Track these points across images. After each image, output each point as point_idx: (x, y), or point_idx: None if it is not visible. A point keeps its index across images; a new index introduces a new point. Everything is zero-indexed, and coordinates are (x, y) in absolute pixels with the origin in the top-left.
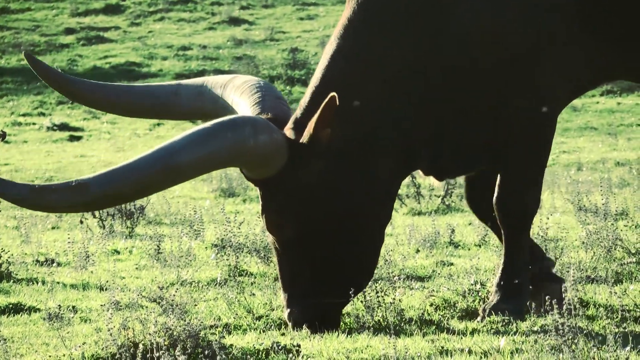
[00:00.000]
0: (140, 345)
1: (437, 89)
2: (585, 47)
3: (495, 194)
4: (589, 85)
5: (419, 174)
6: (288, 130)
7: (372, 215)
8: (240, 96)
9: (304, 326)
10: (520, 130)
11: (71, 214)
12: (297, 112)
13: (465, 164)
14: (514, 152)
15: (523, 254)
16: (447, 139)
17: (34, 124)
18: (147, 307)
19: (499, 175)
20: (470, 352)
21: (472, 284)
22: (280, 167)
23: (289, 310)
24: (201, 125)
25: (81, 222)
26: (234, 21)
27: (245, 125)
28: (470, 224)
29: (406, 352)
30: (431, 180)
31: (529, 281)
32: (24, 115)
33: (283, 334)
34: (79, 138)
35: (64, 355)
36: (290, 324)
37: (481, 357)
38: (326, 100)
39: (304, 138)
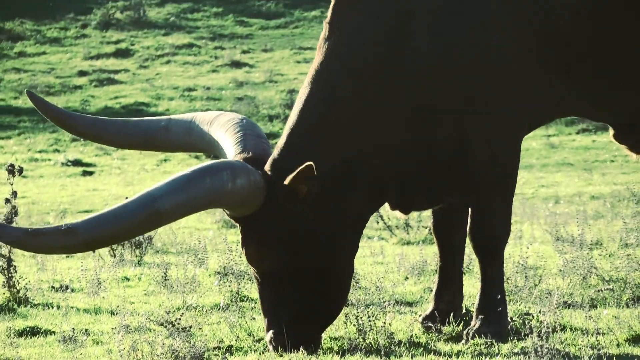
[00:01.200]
0: None
1: (403, 129)
2: (538, 85)
3: (468, 225)
4: (544, 119)
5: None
6: (266, 171)
7: (344, 249)
8: (224, 134)
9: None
10: (484, 164)
11: None
12: (275, 153)
13: (431, 198)
14: (481, 185)
15: (499, 279)
16: (414, 176)
17: (49, 160)
18: (154, 330)
19: (470, 208)
20: None
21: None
22: (259, 206)
23: (269, 334)
24: (182, 172)
25: (93, 251)
26: (236, 64)
27: (223, 170)
28: None
29: None
30: (397, 213)
31: (506, 305)
32: (40, 151)
33: (281, 356)
34: (91, 173)
35: None
36: (270, 348)
37: None
38: (302, 168)
39: (282, 189)
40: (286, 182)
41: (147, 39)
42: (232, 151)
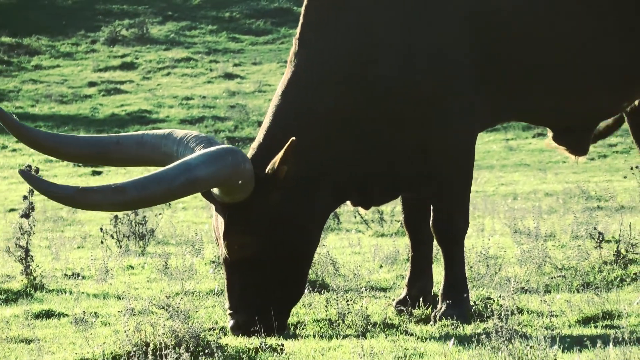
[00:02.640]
0: (151, 345)
1: (366, 135)
2: (483, 95)
3: (431, 219)
4: (492, 123)
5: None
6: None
7: (311, 240)
8: (186, 146)
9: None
10: (443, 163)
11: (94, 235)
12: (251, 152)
13: (388, 195)
14: (440, 182)
15: (460, 267)
16: (374, 178)
17: (62, 162)
18: (156, 313)
19: (432, 203)
20: (425, 350)
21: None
22: (248, 194)
23: (232, 317)
24: (206, 149)
25: (102, 242)
26: (229, 76)
27: (238, 153)
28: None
29: (371, 351)
30: (359, 208)
31: (469, 290)
32: None
33: (269, 336)
34: (99, 173)
35: (87, 352)
36: (232, 331)
37: (434, 355)
38: (288, 143)
39: (268, 171)
40: (276, 160)
41: (150, 54)
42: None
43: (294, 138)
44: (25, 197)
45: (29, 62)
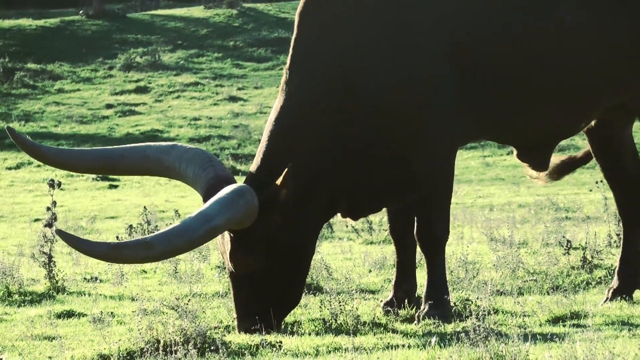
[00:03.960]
0: (162, 342)
1: (354, 153)
2: (461, 113)
3: (415, 228)
4: (469, 139)
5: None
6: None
7: (308, 250)
8: (189, 162)
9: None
10: (424, 178)
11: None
12: (249, 178)
13: (374, 207)
14: (422, 193)
15: (441, 271)
16: (361, 192)
17: (82, 176)
18: (167, 313)
19: (415, 214)
20: (410, 347)
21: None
22: (253, 220)
23: (240, 321)
24: (220, 194)
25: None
26: (233, 99)
27: (247, 192)
28: None
29: (361, 347)
30: (348, 220)
31: (448, 291)
32: None
33: (269, 333)
34: (116, 186)
35: (104, 349)
36: (240, 332)
37: (418, 351)
38: (286, 169)
39: (267, 197)
40: (278, 182)
41: (162, 79)
42: (203, 176)
43: (291, 164)
44: (48, 208)
45: (52, 86)
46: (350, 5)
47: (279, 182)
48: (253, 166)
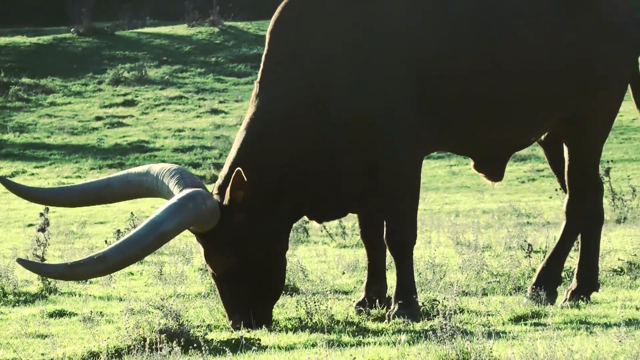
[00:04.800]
0: (148, 340)
1: (320, 160)
2: (423, 125)
3: (384, 233)
4: (432, 149)
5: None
6: (215, 195)
7: (278, 249)
8: (163, 179)
9: (246, 326)
10: (391, 185)
11: (100, 247)
12: (218, 182)
13: (338, 212)
14: (390, 201)
15: (409, 273)
16: (325, 197)
17: (72, 183)
18: (153, 312)
19: (384, 219)
20: (380, 344)
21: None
22: (216, 223)
23: (231, 319)
24: (169, 201)
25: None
26: (214, 111)
27: (197, 196)
28: None
29: (335, 344)
30: (313, 222)
31: (417, 292)
32: (66, 177)
33: (248, 331)
34: None
35: (94, 346)
36: (235, 327)
37: (389, 348)
38: (234, 173)
39: (225, 200)
40: (227, 191)
41: (148, 92)
42: (175, 189)
43: (239, 168)
44: (41, 214)
45: (45, 99)
46: (316, 25)
47: (229, 187)
48: (222, 172)
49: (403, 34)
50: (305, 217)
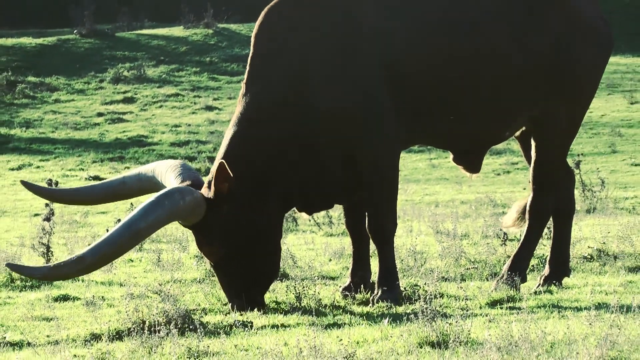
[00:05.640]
0: (147, 322)
1: (305, 154)
2: (400, 121)
3: (366, 222)
4: (410, 143)
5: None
6: (204, 189)
7: (271, 236)
8: (166, 174)
9: (242, 310)
10: (371, 176)
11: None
12: (209, 177)
13: (325, 203)
14: (370, 191)
15: (391, 260)
16: (312, 188)
17: (76, 176)
18: (151, 297)
19: (366, 209)
20: (365, 326)
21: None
22: (203, 215)
23: (230, 302)
24: (147, 199)
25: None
26: (209, 108)
27: (175, 193)
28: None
29: (323, 326)
30: (303, 214)
31: (399, 278)
32: (69, 170)
33: (241, 315)
34: None
35: (96, 328)
36: (234, 311)
37: (373, 330)
38: (217, 166)
39: (211, 193)
40: (212, 183)
41: (146, 90)
42: (175, 183)
43: (222, 161)
44: (47, 205)
45: (50, 97)
46: (297, 27)
47: (213, 180)
48: (213, 166)
49: (379, 34)
50: (295, 208)
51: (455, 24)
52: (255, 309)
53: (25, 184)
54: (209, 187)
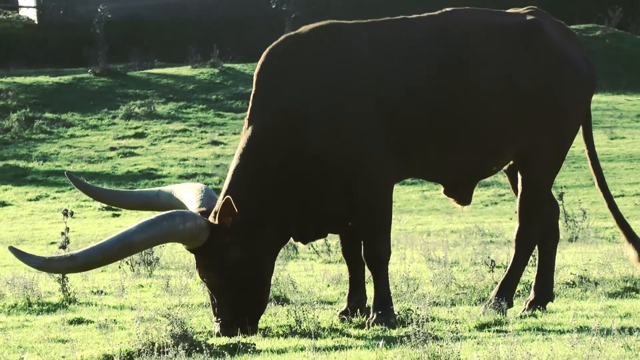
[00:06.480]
0: (156, 344)
1: (301, 189)
2: (393, 156)
3: (362, 250)
4: (402, 177)
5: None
6: (211, 217)
7: (264, 268)
8: (192, 197)
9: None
10: (366, 208)
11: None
12: (216, 207)
13: (320, 233)
14: (366, 222)
15: (386, 285)
16: (308, 221)
17: (90, 206)
18: (160, 320)
19: (362, 238)
20: (361, 348)
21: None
22: (204, 241)
23: (217, 327)
24: (148, 217)
25: (119, 267)
26: (215, 143)
27: (176, 216)
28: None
29: (321, 348)
30: (298, 243)
31: (393, 302)
32: (84, 201)
33: (244, 337)
34: (118, 215)
35: (108, 350)
36: (218, 334)
37: (368, 351)
38: (223, 201)
39: (215, 222)
40: (217, 217)
41: (156, 126)
42: (194, 204)
43: (229, 197)
44: (62, 233)
45: (65, 132)
46: (295, 68)
47: (218, 213)
48: (219, 197)
49: (371, 75)
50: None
51: (446, 63)
52: (247, 332)
53: (70, 176)
54: (215, 216)
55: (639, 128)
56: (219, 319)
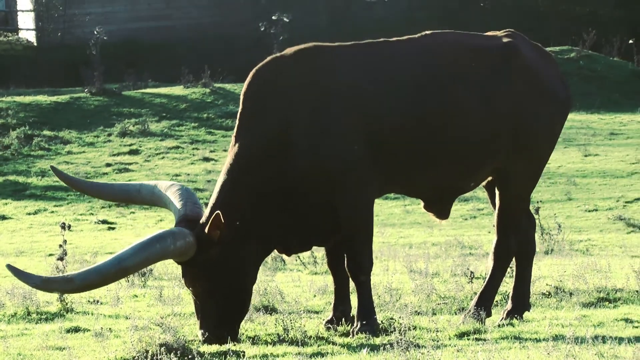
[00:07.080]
0: (150, 352)
1: (286, 203)
2: (374, 173)
3: (345, 262)
4: (384, 192)
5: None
6: (198, 229)
7: (247, 278)
8: (174, 199)
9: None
10: (349, 221)
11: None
12: (203, 218)
13: (304, 247)
14: (349, 235)
15: (369, 296)
16: (291, 233)
17: (87, 220)
18: (154, 328)
19: (345, 250)
20: (346, 354)
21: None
22: (192, 255)
23: (200, 333)
24: (140, 239)
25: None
26: (206, 159)
27: (167, 237)
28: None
29: (308, 356)
30: (283, 255)
31: (376, 312)
32: (80, 214)
33: (234, 344)
34: (113, 228)
35: (104, 357)
36: (202, 341)
37: (353, 358)
38: (213, 216)
39: (205, 237)
40: (206, 230)
41: (150, 143)
42: (179, 210)
43: (218, 212)
44: (60, 246)
45: (63, 149)
46: (279, 87)
47: (207, 228)
48: (206, 211)
49: (353, 96)
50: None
51: (425, 84)
52: (224, 342)
53: (55, 170)
54: (202, 227)
55: (612, 145)
56: (202, 326)
